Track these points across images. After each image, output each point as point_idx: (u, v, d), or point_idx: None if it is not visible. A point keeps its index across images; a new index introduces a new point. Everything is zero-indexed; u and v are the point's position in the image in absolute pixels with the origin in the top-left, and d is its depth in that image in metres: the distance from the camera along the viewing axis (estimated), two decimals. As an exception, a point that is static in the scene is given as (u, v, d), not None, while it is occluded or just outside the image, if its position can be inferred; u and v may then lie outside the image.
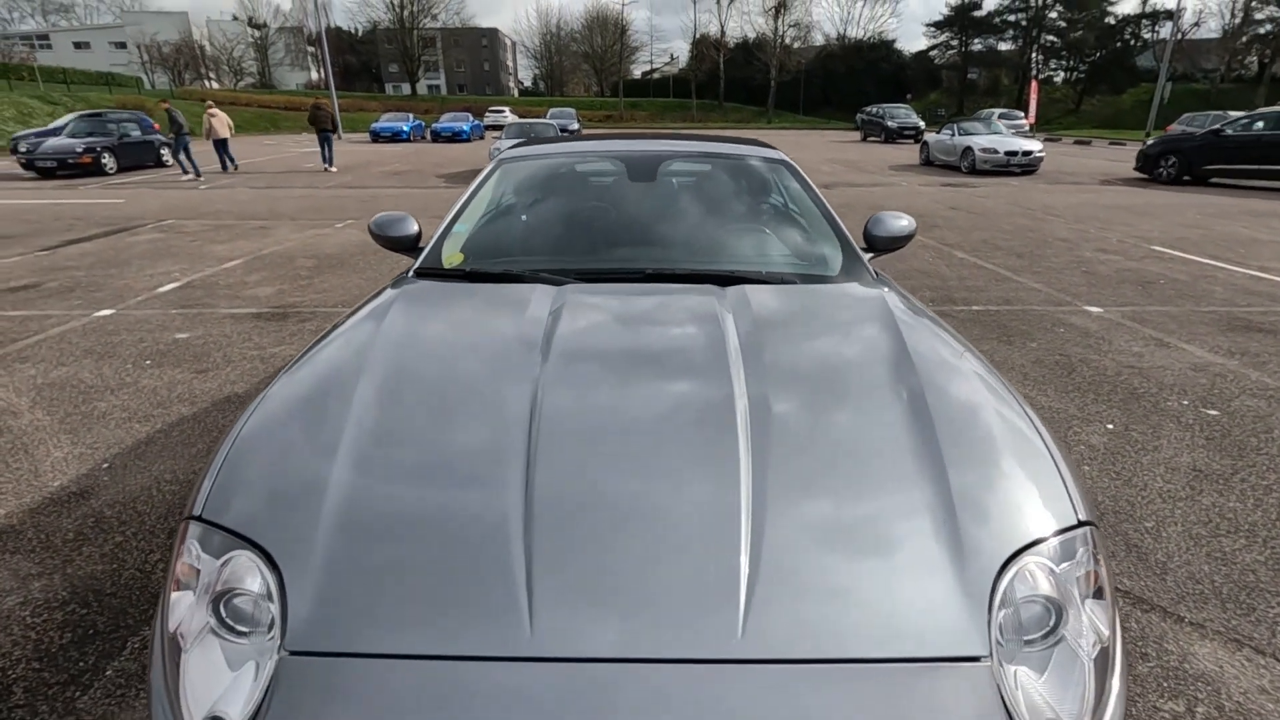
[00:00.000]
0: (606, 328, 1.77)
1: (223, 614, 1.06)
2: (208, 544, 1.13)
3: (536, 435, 1.28)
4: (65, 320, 4.91)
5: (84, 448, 3.05)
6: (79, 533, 2.43)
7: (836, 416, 1.38)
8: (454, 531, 1.12)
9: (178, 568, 1.14)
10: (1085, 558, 1.12)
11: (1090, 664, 1.02)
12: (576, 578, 1.04)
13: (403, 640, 0.98)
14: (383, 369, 1.52)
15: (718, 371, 1.48)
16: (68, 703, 1.74)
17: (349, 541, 1.10)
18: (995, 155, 15.78)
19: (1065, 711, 0.96)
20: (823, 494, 1.18)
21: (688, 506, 1.14)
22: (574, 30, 60.41)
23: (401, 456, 1.28)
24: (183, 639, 1.06)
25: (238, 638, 1.04)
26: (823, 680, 0.94)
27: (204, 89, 52.64)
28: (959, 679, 0.95)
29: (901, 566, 1.07)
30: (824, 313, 1.94)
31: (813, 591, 1.03)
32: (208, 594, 1.08)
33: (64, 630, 1.98)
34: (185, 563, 1.13)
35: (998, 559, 1.08)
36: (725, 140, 2.97)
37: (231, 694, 0.97)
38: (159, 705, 1.01)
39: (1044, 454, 1.29)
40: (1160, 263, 6.85)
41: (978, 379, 1.52)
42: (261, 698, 0.95)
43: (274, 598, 1.05)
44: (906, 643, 0.98)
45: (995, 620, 1.02)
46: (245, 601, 1.06)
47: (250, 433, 1.35)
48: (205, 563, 1.11)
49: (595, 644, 0.96)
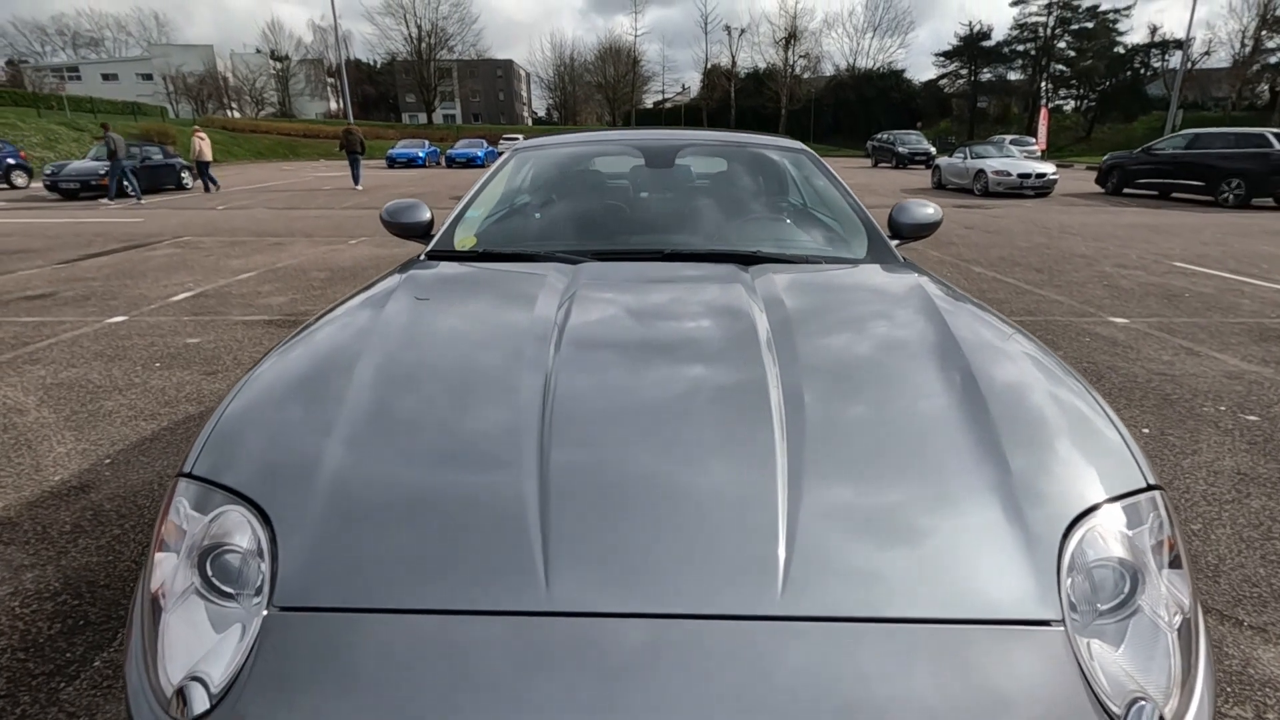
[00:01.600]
0: (626, 304, 1.68)
1: (208, 572, 0.97)
2: (197, 502, 1.05)
3: (552, 403, 1.18)
4: (79, 326, 4.89)
5: (87, 444, 2.98)
6: (76, 525, 2.35)
7: (876, 394, 1.26)
8: (464, 490, 1.03)
9: (163, 527, 1.05)
10: (1157, 523, 1.01)
11: (1174, 636, 0.91)
12: (596, 532, 0.95)
13: (401, 595, 0.89)
14: (390, 340, 1.43)
15: (746, 345, 1.38)
16: (51, 693, 1.64)
17: (349, 498, 1.01)
18: (1008, 178, 15.72)
19: (1151, 685, 0.85)
20: (865, 456, 1.08)
21: (719, 464, 1.05)
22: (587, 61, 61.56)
23: (407, 419, 1.19)
24: (164, 599, 0.96)
25: (223, 600, 0.94)
26: (880, 641, 0.83)
27: (226, 117, 53.82)
28: (1030, 643, 0.85)
29: (960, 527, 0.97)
30: (856, 292, 1.84)
31: (861, 548, 0.93)
32: (194, 551, 0.99)
33: (54, 621, 1.89)
34: (172, 521, 1.04)
35: (1063, 520, 0.97)
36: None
37: (214, 655, 0.88)
38: (134, 667, 0.91)
39: (1105, 421, 1.18)
40: (1184, 277, 6.71)
41: (1027, 357, 1.41)
42: (246, 656, 0.86)
43: (264, 555, 0.95)
44: (971, 604, 0.87)
45: (1065, 586, 0.91)
46: (233, 559, 0.97)
47: (248, 396, 1.27)
48: (193, 520, 1.03)
49: (616, 600, 0.86)
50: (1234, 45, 44.78)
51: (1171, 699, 0.85)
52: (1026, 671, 0.82)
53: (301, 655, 0.85)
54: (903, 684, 0.79)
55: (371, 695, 0.79)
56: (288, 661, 0.84)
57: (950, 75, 56.24)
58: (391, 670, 0.81)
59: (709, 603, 0.86)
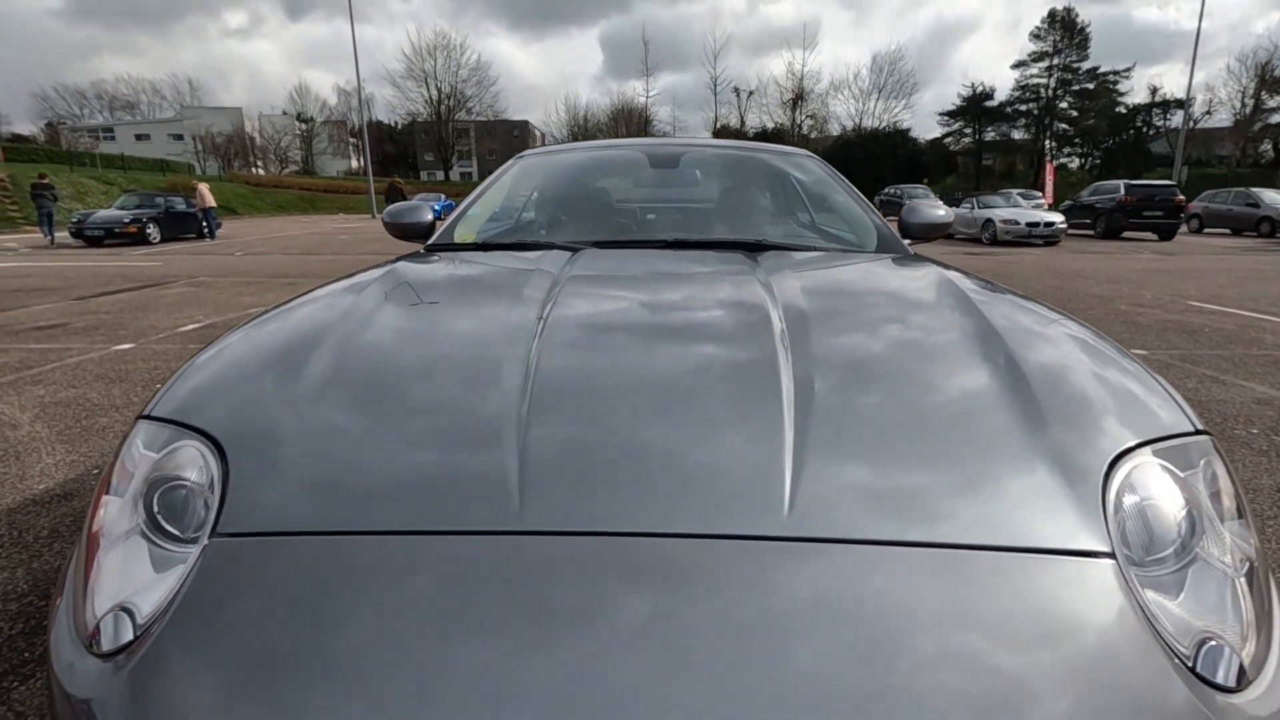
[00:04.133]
0: (623, 282, 1.61)
1: (154, 509, 0.87)
2: (150, 441, 0.96)
3: (538, 349, 1.09)
4: (85, 352, 4.88)
5: (77, 456, 2.91)
6: (54, 530, 2.25)
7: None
8: (436, 424, 0.94)
9: (114, 469, 0.96)
10: (1210, 471, 0.90)
11: (1242, 581, 0.79)
12: (578, 451, 0.86)
13: (351, 519, 0.79)
14: (370, 307, 1.35)
15: (753, 313, 1.27)
16: (2, 692, 1.52)
17: (310, 435, 0.92)
18: (1017, 226, 15.78)
19: (1222, 628, 0.73)
20: (883, 393, 0.99)
21: (721, 392, 0.96)
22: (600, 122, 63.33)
23: (378, 370, 1.10)
24: (103, 539, 0.87)
25: (167, 541, 0.84)
26: (903, 566, 0.72)
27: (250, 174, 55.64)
28: (1076, 574, 0.73)
29: (993, 456, 0.87)
30: (872, 277, 1.74)
31: (881, 469, 0.83)
32: (141, 488, 0.90)
33: (15, 621, 1.77)
34: (123, 462, 0.95)
35: (1106, 455, 0.87)
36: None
37: (147, 590, 0.78)
38: (63, 605, 0.82)
39: (1143, 370, 1.09)
40: (1202, 315, 6.59)
41: (1061, 330, 1.26)
42: (179, 586, 0.76)
43: (214, 489, 0.86)
44: (1008, 532, 0.76)
45: (1112, 523, 0.80)
46: (181, 494, 0.87)
47: (218, 350, 1.19)
48: (144, 460, 0.94)
49: (599, 519, 0.76)
50: (1234, 105, 45.58)
51: (1248, 643, 0.73)
52: (1073, 603, 0.70)
53: (242, 581, 0.74)
54: (928, 612, 0.68)
55: (310, 619, 0.69)
56: (226, 588, 0.74)
57: (955, 134, 57.36)
58: (336, 592, 0.71)
59: (704, 523, 0.76)
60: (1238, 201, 20.70)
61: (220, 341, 1.23)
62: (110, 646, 0.74)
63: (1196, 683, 0.67)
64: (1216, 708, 0.66)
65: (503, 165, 2.64)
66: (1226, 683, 0.68)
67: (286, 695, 0.64)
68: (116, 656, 0.73)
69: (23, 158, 31.64)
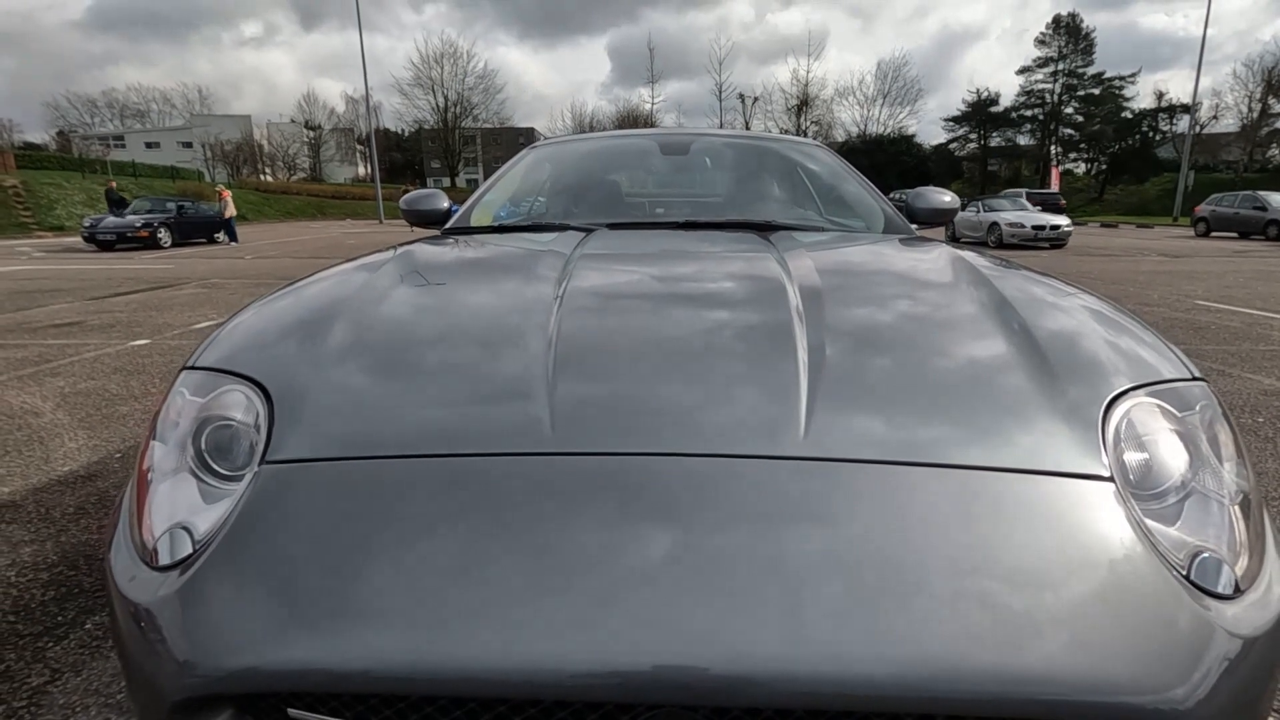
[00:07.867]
0: (638, 259, 1.66)
1: (202, 447, 0.92)
2: (197, 388, 1.01)
3: (561, 305, 1.16)
4: (102, 347, 4.96)
5: (99, 440, 2.97)
6: (80, 508, 2.31)
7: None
8: (469, 371, 1.00)
9: (160, 415, 1.01)
10: (1209, 413, 0.94)
11: (1236, 509, 0.83)
12: (603, 377, 0.93)
13: (397, 443, 0.84)
14: (402, 270, 1.43)
15: (770, 296, 1.25)
16: (37, 651, 1.57)
17: (350, 376, 0.98)
18: (1023, 229, 15.79)
19: (1218, 543, 0.77)
20: (896, 344, 1.05)
21: (735, 345, 1.01)
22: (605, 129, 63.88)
23: (412, 321, 1.18)
24: (155, 474, 0.92)
25: (215, 478, 0.89)
26: (915, 484, 0.77)
27: (258, 180, 56.09)
28: (1078, 494, 0.78)
29: (999, 389, 0.92)
30: (885, 257, 1.76)
31: (892, 402, 0.88)
32: (190, 429, 0.95)
33: (48, 588, 1.83)
34: (170, 407, 1.01)
35: (1105, 392, 0.91)
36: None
37: (202, 513, 0.83)
38: (120, 530, 0.87)
39: (1145, 328, 1.13)
40: (1209, 314, 6.60)
41: (1074, 300, 1.28)
42: (232, 507, 0.80)
43: (260, 429, 0.91)
44: (1013, 455, 0.81)
45: (1110, 455, 0.84)
46: (228, 434, 0.92)
47: (258, 308, 1.26)
48: (190, 405, 0.99)
49: (628, 440, 0.81)
50: (1241, 111, 45.49)
51: (1241, 559, 0.77)
52: (1075, 520, 0.75)
53: (293, 501, 0.79)
54: (942, 527, 0.72)
55: (358, 533, 0.74)
56: (278, 507, 0.79)
57: (960, 139, 57.39)
58: (381, 509, 0.76)
59: (725, 444, 0.80)
60: (1245, 205, 20.04)
61: (258, 301, 1.28)
62: (168, 561, 0.79)
63: (1192, 589, 0.71)
64: (1210, 610, 0.70)
65: (515, 155, 2.69)
66: (1222, 591, 0.72)
67: (335, 597, 0.69)
68: (174, 570, 0.77)
69: (34, 165, 32.04)
